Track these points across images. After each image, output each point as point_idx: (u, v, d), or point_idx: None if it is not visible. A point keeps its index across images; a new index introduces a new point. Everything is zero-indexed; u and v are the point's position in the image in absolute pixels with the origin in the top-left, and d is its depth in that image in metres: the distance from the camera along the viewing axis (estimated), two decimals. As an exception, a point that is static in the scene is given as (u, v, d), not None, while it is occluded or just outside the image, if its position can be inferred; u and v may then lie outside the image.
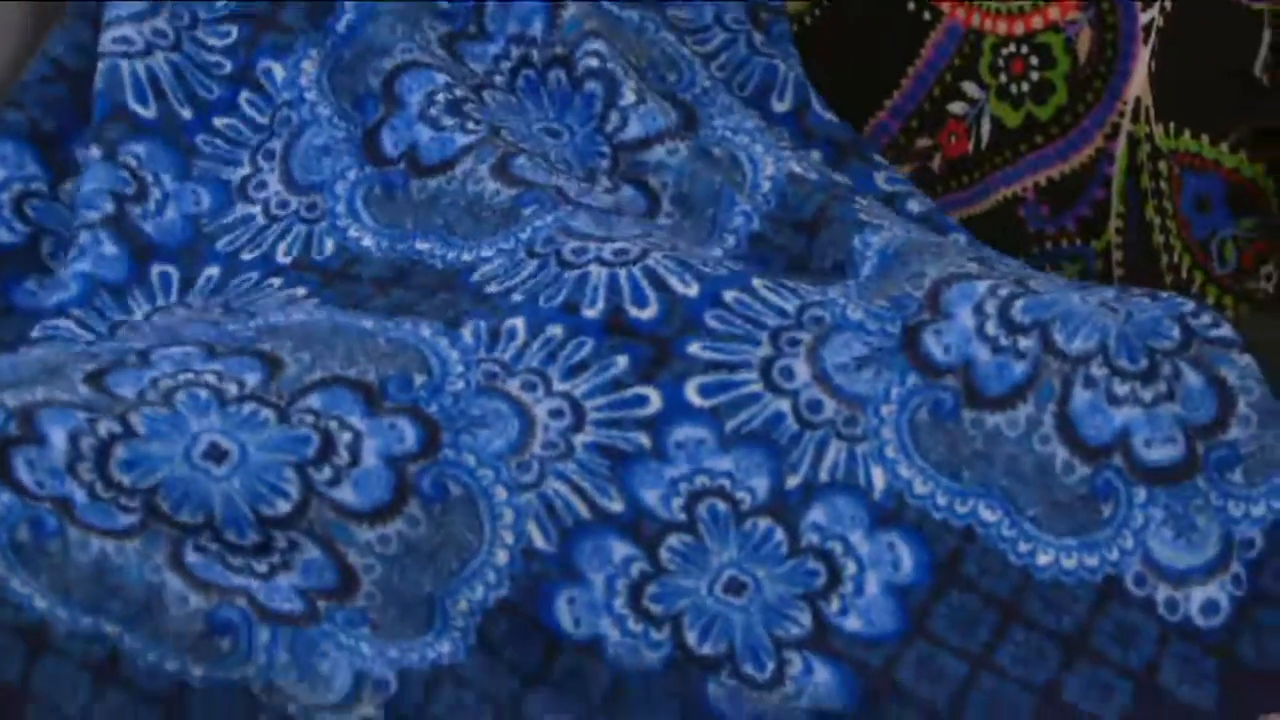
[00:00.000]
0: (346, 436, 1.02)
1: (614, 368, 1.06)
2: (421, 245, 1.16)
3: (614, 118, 1.23)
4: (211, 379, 1.03)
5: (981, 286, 1.08)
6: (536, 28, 1.26)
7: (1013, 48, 1.30)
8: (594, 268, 1.09)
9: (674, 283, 1.08)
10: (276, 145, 1.23)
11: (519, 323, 1.07)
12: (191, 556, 0.99)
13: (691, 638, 1.03)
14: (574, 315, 1.07)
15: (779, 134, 1.27)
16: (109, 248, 1.18)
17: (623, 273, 1.08)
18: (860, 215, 1.17)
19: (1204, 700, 1.03)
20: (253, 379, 1.03)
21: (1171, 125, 1.22)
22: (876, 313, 1.08)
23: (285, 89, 1.24)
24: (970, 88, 1.32)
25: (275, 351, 1.05)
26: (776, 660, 1.03)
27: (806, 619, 1.04)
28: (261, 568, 1.00)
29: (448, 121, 1.19)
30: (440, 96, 1.20)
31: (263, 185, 1.21)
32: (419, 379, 1.05)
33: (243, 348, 1.05)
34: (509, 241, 1.14)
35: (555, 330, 1.07)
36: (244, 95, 1.24)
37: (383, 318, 1.09)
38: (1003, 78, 1.30)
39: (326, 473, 1.01)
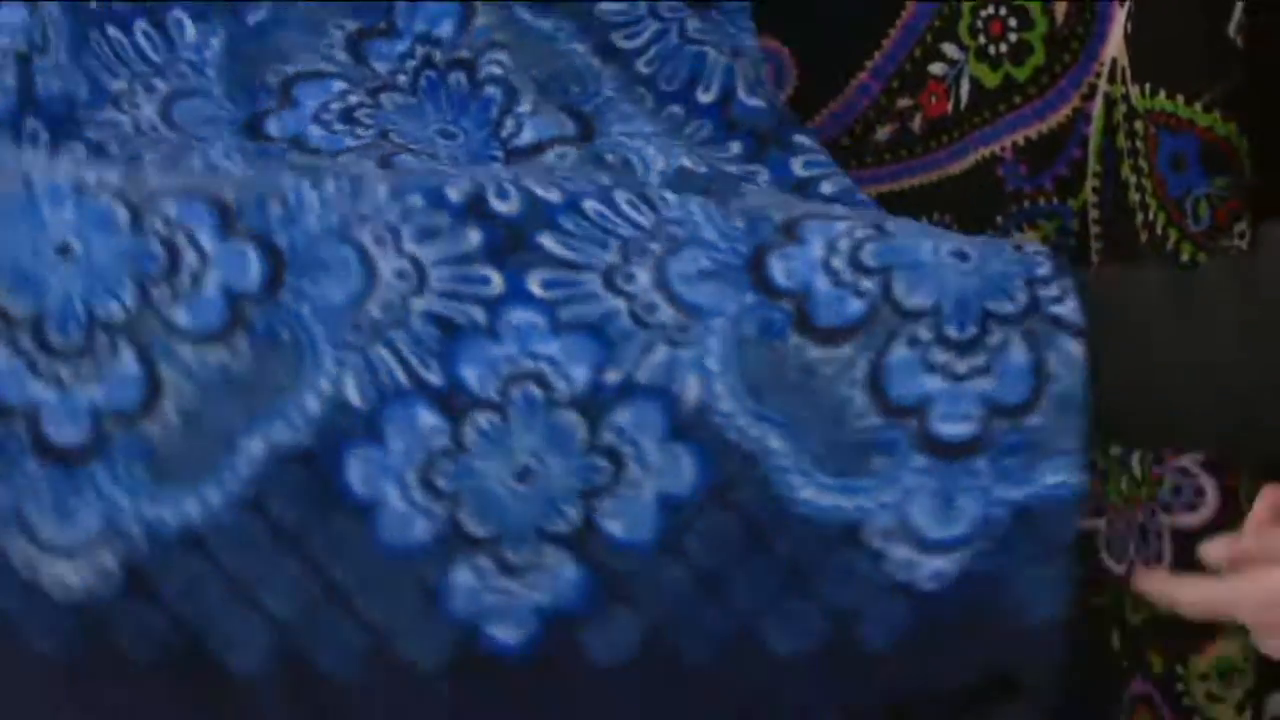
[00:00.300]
0: (192, 259, 1.03)
1: (465, 243, 1.06)
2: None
3: (509, 123, 1.22)
4: (71, 169, 1.04)
5: (840, 225, 1.08)
6: (446, 29, 1.25)
7: (991, 9, 1.31)
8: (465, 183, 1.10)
9: (538, 190, 1.08)
10: (162, 86, 1.22)
11: (382, 186, 1.07)
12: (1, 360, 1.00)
13: (467, 519, 1.04)
14: (437, 193, 1.07)
15: (697, 127, 1.26)
16: (8, 79, 1.16)
17: (491, 185, 1.08)
18: (744, 194, 1.17)
19: (891, 651, 1.06)
20: (113, 177, 1.04)
21: (1147, 86, 1.23)
22: (728, 231, 1.08)
23: (192, 51, 1.23)
24: (950, 49, 1.33)
25: (140, 169, 1.06)
26: (535, 551, 1.04)
27: (576, 516, 1.05)
28: (67, 375, 1.01)
29: (338, 127, 1.20)
30: (334, 105, 1.21)
31: (136, 105, 1.21)
32: (276, 209, 1.05)
33: (108, 164, 1.07)
34: None
35: (416, 199, 1.07)
36: (140, 25, 1.23)
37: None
38: (981, 39, 1.31)
39: (165, 291, 1.02)
